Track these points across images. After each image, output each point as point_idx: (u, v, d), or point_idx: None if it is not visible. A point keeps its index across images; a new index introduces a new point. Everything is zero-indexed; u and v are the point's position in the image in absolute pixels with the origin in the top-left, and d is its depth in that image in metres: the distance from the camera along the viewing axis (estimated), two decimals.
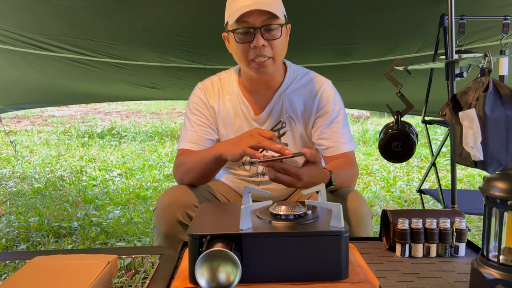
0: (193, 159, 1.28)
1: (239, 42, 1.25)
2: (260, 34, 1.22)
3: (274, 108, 1.39)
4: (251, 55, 1.26)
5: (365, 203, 1.23)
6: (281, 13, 1.25)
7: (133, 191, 3.69)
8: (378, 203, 3.35)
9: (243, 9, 1.20)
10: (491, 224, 0.78)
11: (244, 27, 1.23)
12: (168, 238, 1.22)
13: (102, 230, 2.70)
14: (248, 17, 1.21)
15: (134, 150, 5.74)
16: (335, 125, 1.37)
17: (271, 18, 1.22)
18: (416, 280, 0.89)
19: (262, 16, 1.21)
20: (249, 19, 1.22)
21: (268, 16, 1.22)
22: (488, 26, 2.31)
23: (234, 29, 1.24)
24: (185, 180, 1.30)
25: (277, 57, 1.28)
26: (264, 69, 1.28)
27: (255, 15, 1.21)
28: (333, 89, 1.41)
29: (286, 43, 1.32)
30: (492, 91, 1.51)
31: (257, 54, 1.25)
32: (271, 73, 1.32)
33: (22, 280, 0.78)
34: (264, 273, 0.78)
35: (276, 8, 1.23)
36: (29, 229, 2.69)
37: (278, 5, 1.27)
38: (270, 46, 1.25)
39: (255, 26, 1.22)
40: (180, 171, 1.32)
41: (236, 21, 1.23)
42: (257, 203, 0.86)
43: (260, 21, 1.22)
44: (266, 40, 1.24)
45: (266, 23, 1.22)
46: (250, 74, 1.33)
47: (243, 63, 1.30)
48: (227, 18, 1.29)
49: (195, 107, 1.41)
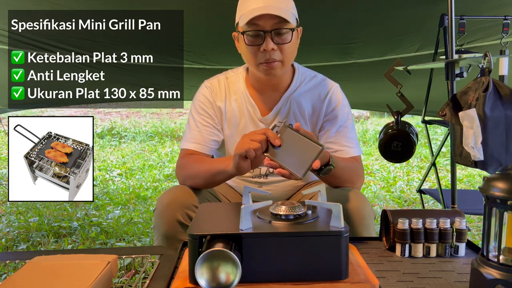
0: (200, 167, 1.28)
1: (249, 45, 1.25)
2: (270, 38, 1.22)
3: (281, 110, 1.38)
4: (260, 58, 1.25)
5: (368, 203, 1.23)
6: (293, 17, 1.25)
7: (133, 191, 3.69)
8: (378, 203, 3.35)
9: (254, 12, 1.20)
10: (491, 224, 0.78)
11: (254, 30, 1.22)
12: (168, 238, 1.21)
13: (102, 230, 2.70)
14: (258, 20, 1.21)
15: (134, 150, 5.74)
16: (343, 130, 1.37)
17: (282, 22, 1.22)
18: (416, 280, 0.89)
19: (273, 19, 1.21)
20: (259, 22, 1.21)
21: (279, 19, 1.21)
22: (488, 25, 2.31)
23: (244, 31, 1.24)
24: (187, 183, 1.30)
25: (286, 60, 1.27)
26: (273, 72, 1.27)
27: (266, 18, 1.21)
28: (341, 93, 1.41)
29: (296, 47, 1.31)
30: (492, 91, 1.51)
31: (267, 57, 1.24)
32: (280, 76, 1.32)
33: (22, 280, 0.78)
34: (264, 273, 0.78)
35: (288, 12, 1.23)
36: (29, 229, 2.69)
37: (290, 8, 1.26)
38: (279, 49, 1.24)
39: (265, 30, 1.22)
40: (184, 173, 1.31)
41: (246, 23, 1.22)
42: (257, 203, 0.86)
43: (271, 24, 1.21)
44: (276, 44, 1.23)
45: (277, 27, 1.22)
46: (258, 75, 1.33)
47: (252, 65, 1.30)
48: (237, 18, 1.28)
49: (200, 106, 1.40)
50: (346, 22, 2.26)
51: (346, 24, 2.28)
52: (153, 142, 6.30)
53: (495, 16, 2.16)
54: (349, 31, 2.38)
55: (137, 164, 4.79)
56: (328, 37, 2.43)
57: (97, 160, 5.06)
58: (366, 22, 2.25)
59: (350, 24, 2.28)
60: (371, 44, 2.51)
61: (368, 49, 2.58)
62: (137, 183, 3.95)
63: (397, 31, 2.34)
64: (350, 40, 2.46)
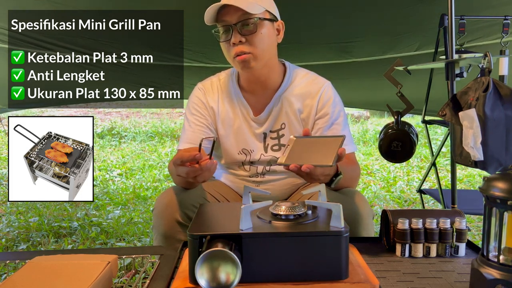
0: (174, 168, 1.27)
1: (221, 41, 1.28)
2: (237, 31, 1.24)
3: (273, 109, 1.39)
4: (232, 52, 1.27)
5: (367, 203, 1.23)
6: (258, 8, 1.25)
7: (133, 191, 3.69)
8: (378, 203, 3.34)
9: (216, 6, 1.23)
10: (491, 224, 0.78)
11: (222, 25, 1.26)
12: (167, 239, 1.22)
13: (102, 230, 2.70)
14: (225, 16, 1.24)
15: (134, 150, 5.74)
16: (335, 127, 1.37)
17: (247, 13, 1.23)
18: (416, 280, 0.89)
19: (237, 12, 1.23)
20: (226, 17, 1.24)
21: (243, 12, 1.22)
22: (488, 24, 2.31)
23: (216, 29, 1.28)
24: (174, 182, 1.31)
25: (257, 52, 1.27)
26: (247, 65, 1.28)
27: (231, 12, 1.23)
28: (333, 90, 1.41)
29: (272, 40, 1.31)
30: (492, 91, 1.51)
31: (236, 51, 1.26)
32: (262, 71, 1.32)
33: (22, 280, 0.78)
34: (264, 273, 0.78)
35: (251, 4, 1.23)
36: (29, 229, 2.69)
37: (257, 0, 1.26)
38: (248, 42, 1.25)
39: (232, 23, 1.24)
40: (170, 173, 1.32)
41: (216, 21, 1.26)
42: (257, 203, 0.86)
43: (236, 17, 1.24)
44: (244, 35, 1.24)
45: (242, 19, 1.23)
46: (241, 72, 1.35)
47: (230, 61, 1.32)
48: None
49: (194, 107, 1.42)
50: (345, 20, 2.26)
51: (345, 22, 2.28)
52: (153, 142, 6.29)
53: (495, 15, 2.16)
54: (348, 30, 2.37)
55: (137, 164, 4.79)
56: (327, 36, 2.43)
57: (97, 160, 5.06)
58: (365, 20, 2.25)
59: (349, 23, 2.28)
60: (370, 43, 2.51)
61: (367, 48, 2.57)
62: (137, 183, 3.95)
63: (397, 29, 2.34)
64: (349, 39, 2.46)
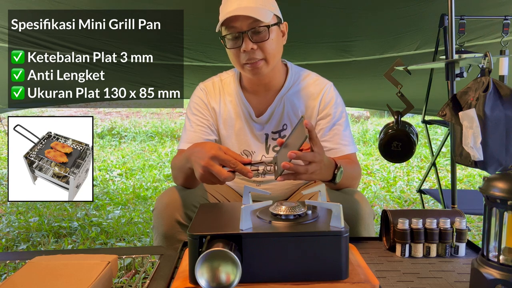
0: (177, 164, 1.26)
1: (230, 48, 1.26)
2: (248, 38, 1.23)
3: (275, 110, 1.39)
4: (243, 59, 1.26)
5: (368, 203, 1.23)
6: (269, 14, 1.24)
7: (133, 191, 3.69)
8: (378, 203, 3.34)
9: (227, 15, 1.21)
10: (491, 224, 0.78)
11: (232, 33, 1.24)
12: (167, 239, 1.22)
13: (102, 230, 2.70)
14: (235, 22, 1.22)
15: (134, 150, 5.74)
16: (337, 128, 1.37)
17: (257, 21, 1.22)
18: (416, 280, 0.89)
19: (248, 19, 1.21)
20: (236, 24, 1.22)
21: (253, 19, 1.21)
22: (488, 23, 2.31)
23: (224, 35, 1.25)
24: (176, 182, 1.31)
25: (269, 57, 1.27)
26: (259, 71, 1.27)
27: (241, 19, 1.21)
28: (334, 91, 1.41)
29: (280, 43, 1.31)
30: (492, 91, 1.51)
31: (248, 57, 1.25)
32: (267, 74, 1.32)
33: (22, 280, 0.78)
34: (264, 273, 0.78)
35: (262, 10, 1.22)
36: (29, 229, 2.69)
37: (266, 6, 1.25)
38: (260, 48, 1.25)
39: (242, 30, 1.22)
40: (172, 174, 1.32)
41: (225, 28, 1.24)
42: (257, 203, 0.86)
43: (246, 24, 1.22)
44: (255, 42, 1.23)
45: (252, 26, 1.22)
46: (247, 76, 1.33)
47: (238, 67, 1.31)
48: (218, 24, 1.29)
49: (195, 107, 1.41)
50: (345, 19, 2.25)
51: (345, 21, 2.28)
52: (153, 142, 6.30)
53: (495, 15, 2.16)
54: (348, 29, 2.37)
55: (137, 164, 4.79)
56: (327, 35, 2.43)
57: (97, 160, 5.06)
58: (365, 19, 2.25)
59: (349, 22, 2.28)
60: (370, 42, 2.51)
61: (367, 47, 2.57)
62: (137, 183, 3.95)
63: (397, 28, 2.34)
64: (349, 38, 2.46)
